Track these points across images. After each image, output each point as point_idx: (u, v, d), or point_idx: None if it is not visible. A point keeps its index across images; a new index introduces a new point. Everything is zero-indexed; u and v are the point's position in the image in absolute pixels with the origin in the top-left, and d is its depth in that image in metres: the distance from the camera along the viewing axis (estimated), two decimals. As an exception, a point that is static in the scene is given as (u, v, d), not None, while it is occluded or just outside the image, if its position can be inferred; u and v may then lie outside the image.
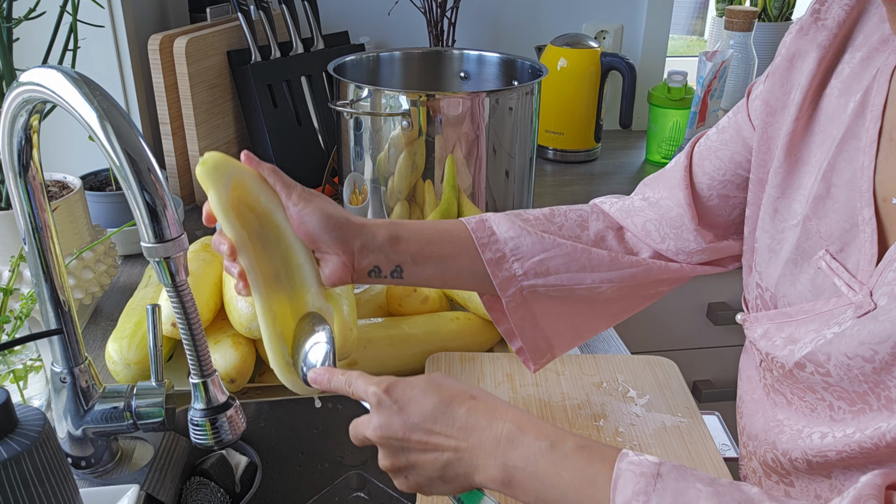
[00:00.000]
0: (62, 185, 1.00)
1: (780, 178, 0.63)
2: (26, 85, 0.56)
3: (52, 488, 0.55)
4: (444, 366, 0.86)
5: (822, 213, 0.59)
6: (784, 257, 0.63)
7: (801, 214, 0.61)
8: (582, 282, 0.72)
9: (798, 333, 0.61)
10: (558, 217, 0.75)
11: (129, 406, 0.70)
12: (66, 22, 0.88)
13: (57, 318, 0.67)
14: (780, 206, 0.64)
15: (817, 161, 0.60)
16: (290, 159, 1.38)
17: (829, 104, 0.61)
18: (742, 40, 1.67)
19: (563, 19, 1.77)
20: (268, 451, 0.86)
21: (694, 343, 1.39)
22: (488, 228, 0.71)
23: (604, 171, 1.63)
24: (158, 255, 0.54)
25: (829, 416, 0.59)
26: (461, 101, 1.06)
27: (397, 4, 1.65)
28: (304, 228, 0.65)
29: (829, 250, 0.58)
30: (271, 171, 0.66)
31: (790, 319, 0.62)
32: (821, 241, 0.59)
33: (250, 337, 0.81)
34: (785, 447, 0.63)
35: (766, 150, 0.66)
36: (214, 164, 0.63)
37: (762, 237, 0.66)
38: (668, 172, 0.77)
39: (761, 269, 0.66)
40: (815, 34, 0.62)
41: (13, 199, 0.63)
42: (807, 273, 0.60)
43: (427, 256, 0.69)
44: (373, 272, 0.67)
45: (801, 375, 0.59)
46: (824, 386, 0.58)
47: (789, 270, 0.62)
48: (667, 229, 0.74)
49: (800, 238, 0.61)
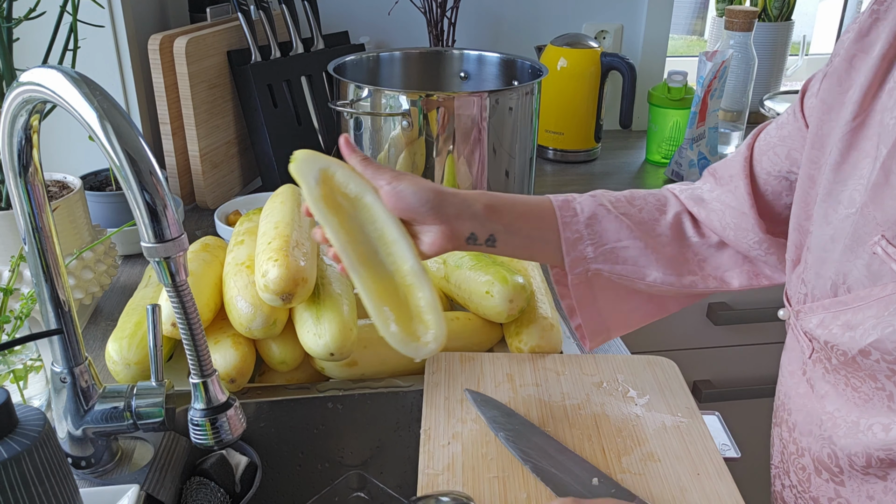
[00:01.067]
0: (62, 185, 1.00)
1: (837, 171, 0.64)
2: (26, 85, 0.56)
3: (52, 488, 0.55)
4: (444, 366, 0.86)
5: (879, 199, 0.59)
6: (840, 246, 0.62)
7: (859, 203, 0.61)
8: (644, 277, 0.78)
9: (856, 320, 0.60)
10: (638, 200, 0.81)
11: (129, 406, 0.70)
12: (66, 22, 0.88)
13: (57, 318, 0.67)
14: (838, 197, 0.64)
15: (874, 151, 0.61)
16: (290, 159, 1.38)
17: (889, 98, 0.61)
18: (742, 40, 1.67)
19: (563, 19, 1.77)
20: (268, 451, 0.86)
21: (694, 343, 1.39)
22: (572, 209, 0.77)
23: (604, 171, 1.63)
24: (158, 255, 0.54)
25: (887, 406, 0.59)
26: (461, 101, 1.06)
27: (397, 4, 1.65)
28: (401, 203, 0.69)
29: (885, 235, 0.58)
30: (361, 160, 0.71)
31: (846, 307, 0.62)
32: (877, 227, 0.59)
33: (250, 337, 0.81)
34: (844, 442, 0.62)
35: (819, 147, 0.67)
36: (302, 160, 0.70)
37: (818, 228, 0.66)
38: (731, 162, 0.80)
39: (814, 261, 0.66)
40: (877, 34, 0.63)
41: (13, 199, 0.63)
42: (862, 259, 0.60)
43: (518, 229, 0.74)
44: (469, 238, 0.72)
45: (865, 363, 0.59)
46: (888, 374, 0.58)
47: (846, 258, 0.62)
48: (728, 219, 0.78)
49: (857, 225, 0.60)
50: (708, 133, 1.54)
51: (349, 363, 0.85)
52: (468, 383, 0.83)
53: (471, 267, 0.93)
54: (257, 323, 0.79)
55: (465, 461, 0.72)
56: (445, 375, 0.84)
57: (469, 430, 0.76)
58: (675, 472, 0.71)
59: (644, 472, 0.71)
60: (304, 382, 0.88)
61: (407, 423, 0.87)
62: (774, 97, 1.90)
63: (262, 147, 1.36)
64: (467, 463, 0.72)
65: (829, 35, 2.31)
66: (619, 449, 0.75)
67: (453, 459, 0.72)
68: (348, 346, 0.79)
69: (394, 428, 0.87)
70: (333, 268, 0.88)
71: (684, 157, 1.53)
